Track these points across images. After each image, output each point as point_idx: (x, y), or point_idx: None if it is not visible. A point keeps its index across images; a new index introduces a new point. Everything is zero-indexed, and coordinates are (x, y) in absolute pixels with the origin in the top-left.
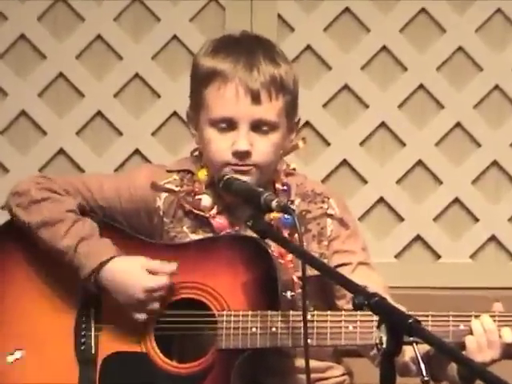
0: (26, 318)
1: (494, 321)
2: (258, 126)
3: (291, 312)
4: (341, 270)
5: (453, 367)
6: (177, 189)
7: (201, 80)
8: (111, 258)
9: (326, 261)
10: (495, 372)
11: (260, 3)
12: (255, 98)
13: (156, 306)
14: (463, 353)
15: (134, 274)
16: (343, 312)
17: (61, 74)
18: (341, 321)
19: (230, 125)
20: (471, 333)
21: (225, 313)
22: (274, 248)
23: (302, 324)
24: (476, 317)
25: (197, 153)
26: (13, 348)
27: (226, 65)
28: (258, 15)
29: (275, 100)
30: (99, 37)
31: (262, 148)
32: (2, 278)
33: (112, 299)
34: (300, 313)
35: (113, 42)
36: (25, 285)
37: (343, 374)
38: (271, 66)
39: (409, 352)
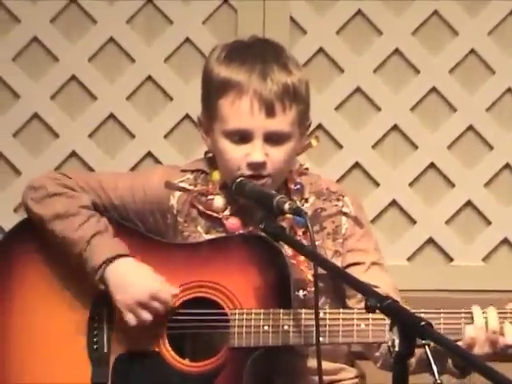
0: (39, 316)
1: (506, 318)
2: (271, 138)
3: (303, 310)
4: (354, 269)
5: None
6: (190, 187)
7: (215, 89)
8: (126, 255)
9: (340, 258)
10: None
11: (272, 5)
12: (269, 112)
13: (148, 316)
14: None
15: (145, 276)
16: (355, 310)
17: (73, 77)
18: (353, 319)
19: (244, 136)
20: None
21: (237, 311)
22: (286, 248)
23: (313, 322)
24: (483, 312)
25: (210, 154)
26: (25, 345)
27: (241, 75)
28: (271, 18)
29: (289, 111)
30: (111, 39)
31: (276, 158)
32: (15, 278)
33: None
34: (312, 311)
35: (125, 45)
36: (38, 284)
37: (355, 377)
38: (284, 74)
39: None
